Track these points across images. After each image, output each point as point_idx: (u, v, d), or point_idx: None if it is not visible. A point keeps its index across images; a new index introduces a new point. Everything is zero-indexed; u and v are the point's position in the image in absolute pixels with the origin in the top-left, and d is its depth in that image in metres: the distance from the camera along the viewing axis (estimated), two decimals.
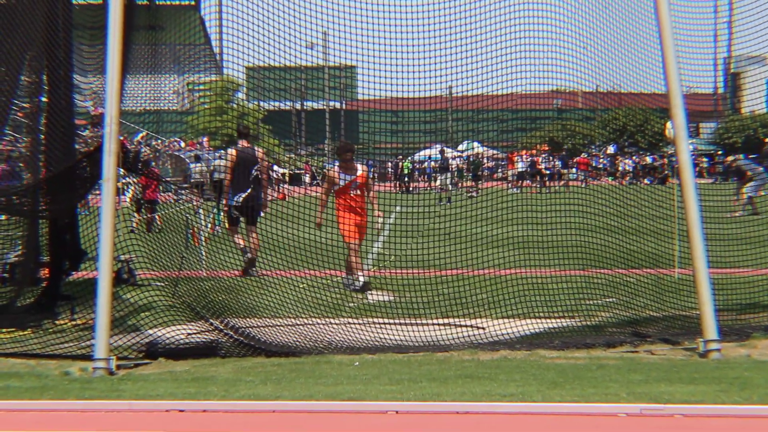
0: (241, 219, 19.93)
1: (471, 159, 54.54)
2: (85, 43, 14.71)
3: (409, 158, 53.54)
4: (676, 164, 12.09)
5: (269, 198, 20.90)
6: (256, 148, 20.82)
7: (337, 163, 18.40)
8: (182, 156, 48.91)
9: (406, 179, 55.36)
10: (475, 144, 50.22)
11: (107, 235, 11.31)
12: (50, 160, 14.44)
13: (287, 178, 44.64)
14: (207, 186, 41.27)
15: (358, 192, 17.99)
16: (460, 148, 52.19)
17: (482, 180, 53.18)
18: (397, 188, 49.56)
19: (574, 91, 18.81)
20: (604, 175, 60.78)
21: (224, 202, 20.46)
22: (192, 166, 43.20)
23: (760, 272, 15.07)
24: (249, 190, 19.85)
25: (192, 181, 42.34)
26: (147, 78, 15.76)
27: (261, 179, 20.17)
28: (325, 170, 18.47)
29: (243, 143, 20.56)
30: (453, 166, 52.63)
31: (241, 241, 19.38)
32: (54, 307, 14.47)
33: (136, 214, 28.74)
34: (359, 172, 18.05)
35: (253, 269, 18.19)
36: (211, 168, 42.59)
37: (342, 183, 17.92)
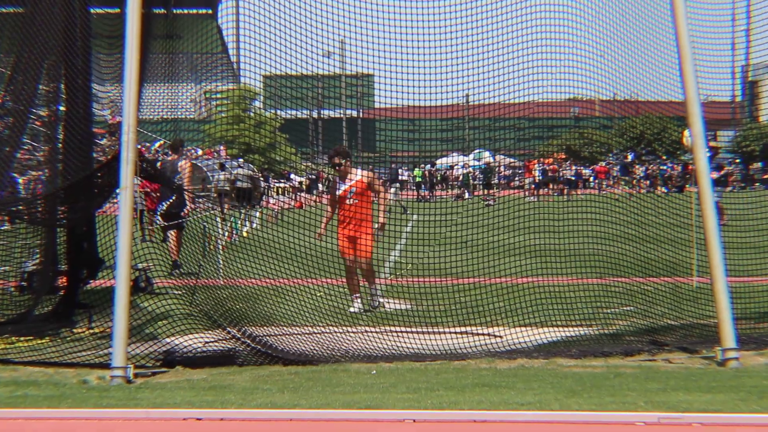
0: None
1: (483, 168, 54.57)
2: (103, 52, 14.75)
3: (419, 167, 53.58)
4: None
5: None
6: (182, 160, 21.73)
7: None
8: (199, 164, 49.08)
9: (420, 187, 55.42)
10: (486, 153, 50.18)
11: (124, 244, 11.33)
12: (68, 168, 14.48)
13: (305, 186, 44.79)
14: (231, 194, 41.64)
15: (356, 201, 16.51)
16: (470, 156, 52.23)
17: (497, 188, 53.15)
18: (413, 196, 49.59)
19: (592, 100, 18.77)
20: (621, 183, 60.72)
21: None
22: (218, 174, 43.56)
23: None
24: (171, 200, 20.67)
25: (218, 188, 42.72)
26: (164, 87, 15.79)
27: (183, 189, 21.09)
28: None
29: (173, 156, 21.60)
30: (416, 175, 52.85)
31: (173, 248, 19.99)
32: (72, 316, 14.50)
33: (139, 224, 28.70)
34: (356, 179, 16.62)
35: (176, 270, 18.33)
36: (233, 177, 42.88)
37: (339, 192, 16.69)
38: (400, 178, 51.84)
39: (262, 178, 46.33)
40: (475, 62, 13.77)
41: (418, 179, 56.11)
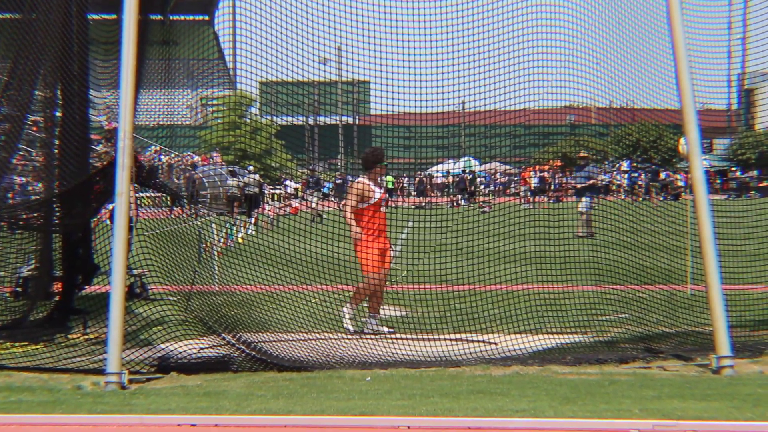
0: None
1: (468, 174, 54.48)
2: (100, 58, 14.75)
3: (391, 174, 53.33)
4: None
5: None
6: None
7: (364, 175, 15.43)
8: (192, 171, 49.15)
9: (391, 194, 55.10)
10: (473, 161, 50.11)
11: (120, 250, 11.33)
12: (64, 174, 14.48)
13: (299, 193, 44.86)
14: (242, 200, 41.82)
15: (385, 210, 15.45)
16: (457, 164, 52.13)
17: (492, 195, 53.10)
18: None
19: (588, 107, 18.79)
20: (618, 191, 60.68)
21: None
22: (229, 181, 43.77)
23: None
24: None
25: (229, 194, 42.91)
26: (160, 93, 15.79)
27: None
28: (353, 183, 15.30)
29: None
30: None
31: None
32: (66, 322, 14.50)
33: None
34: (384, 185, 15.85)
35: None
36: (242, 184, 42.99)
37: (374, 199, 15.18)
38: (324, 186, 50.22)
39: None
40: (471, 69, 13.78)
41: (389, 186, 55.76)
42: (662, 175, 62.61)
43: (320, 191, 45.73)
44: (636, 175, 60.73)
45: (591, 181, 32.48)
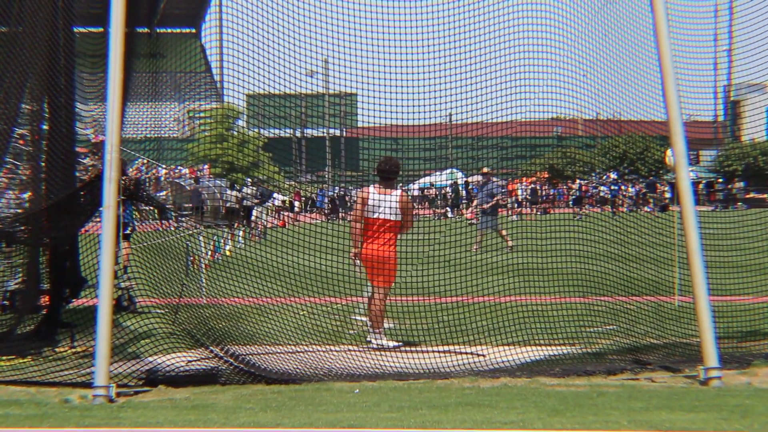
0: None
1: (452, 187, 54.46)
2: (86, 71, 14.74)
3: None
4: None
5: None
6: None
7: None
8: (181, 182, 49.12)
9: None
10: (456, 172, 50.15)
11: (107, 263, 11.31)
12: (51, 187, 14.45)
13: (287, 205, 44.81)
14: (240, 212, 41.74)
15: None
16: (443, 176, 52.14)
17: (462, 207, 53.07)
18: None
19: (575, 119, 18.81)
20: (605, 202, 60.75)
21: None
22: (228, 193, 43.70)
23: (761, 300, 15.06)
24: None
25: (228, 206, 42.86)
26: (148, 105, 15.78)
27: None
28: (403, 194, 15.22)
29: None
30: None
31: None
32: (54, 335, 14.45)
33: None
34: None
35: None
36: (240, 196, 42.93)
37: None
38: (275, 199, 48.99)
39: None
40: (458, 81, 13.79)
41: None
42: (659, 187, 62.62)
43: (267, 205, 45.42)
44: (616, 188, 60.89)
45: (495, 199, 32.37)
